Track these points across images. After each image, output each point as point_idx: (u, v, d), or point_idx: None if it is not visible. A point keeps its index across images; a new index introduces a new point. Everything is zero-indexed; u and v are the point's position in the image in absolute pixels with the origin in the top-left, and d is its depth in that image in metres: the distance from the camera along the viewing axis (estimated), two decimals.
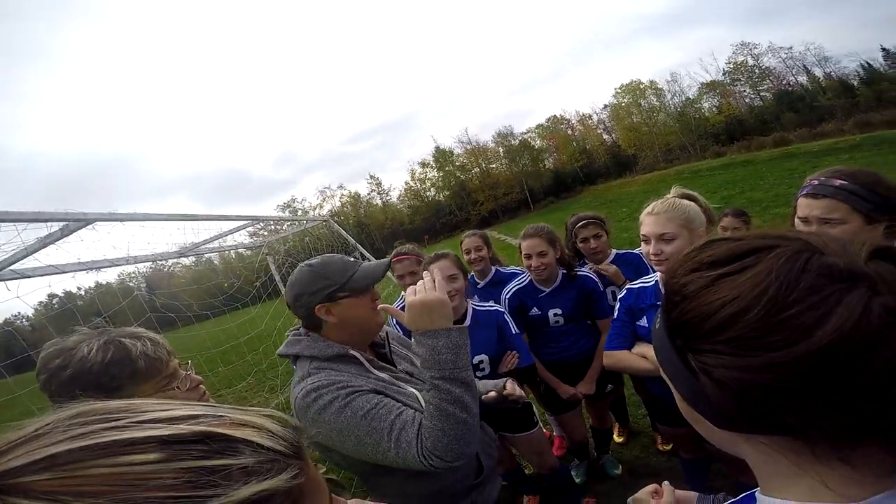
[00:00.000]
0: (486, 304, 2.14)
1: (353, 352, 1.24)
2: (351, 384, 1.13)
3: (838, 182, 1.26)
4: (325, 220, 7.80)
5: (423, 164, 56.67)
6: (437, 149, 55.39)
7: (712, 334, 0.44)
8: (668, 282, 0.52)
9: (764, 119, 37.50)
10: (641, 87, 45.03)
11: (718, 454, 1.79)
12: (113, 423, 0.35)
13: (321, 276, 1.22)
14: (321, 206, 57.53)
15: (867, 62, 37.28)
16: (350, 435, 1.06)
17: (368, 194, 60.19)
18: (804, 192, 1.33)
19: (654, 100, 44.79)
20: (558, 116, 53.03)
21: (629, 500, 0.90)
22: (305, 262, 1.28)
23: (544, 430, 2.53)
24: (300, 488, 0.40)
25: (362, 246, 7.26)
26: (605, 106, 50.39)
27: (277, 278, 7.18)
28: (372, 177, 61.46)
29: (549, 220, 2.40)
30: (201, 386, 1.14)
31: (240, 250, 6.93)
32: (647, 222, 1.58)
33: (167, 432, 0.35)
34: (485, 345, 2.00)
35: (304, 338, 1.26)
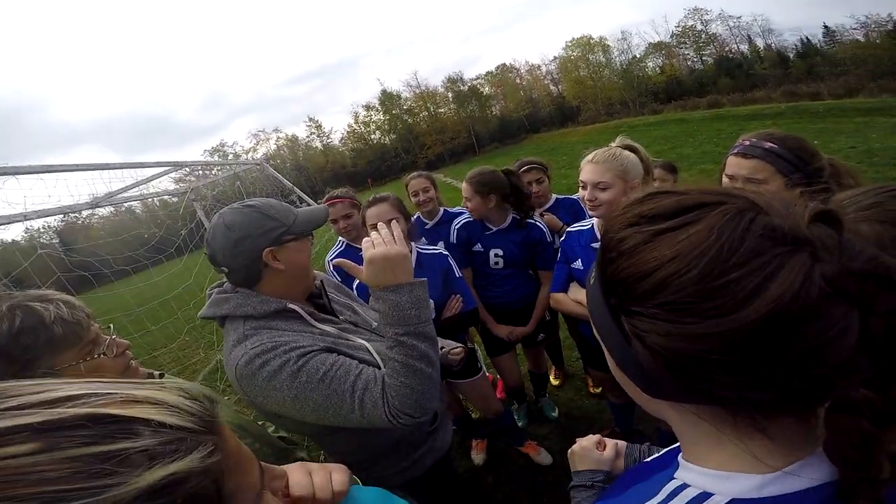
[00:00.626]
0: (431, 248, 2.07)
1: (292, 305, 1.11)
2: (299, 344, 1.02)
3: (768, 144, 1.29)
4: (258, 164, 7.24)
5: (369, 108, 54.97)
6: (384, 92, 53.66)
7: (647, 296, 0.41)
8: (605, 236, 0.47)
9: (702, 82, 39.35)
10: (592, 42, 45.39)
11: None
12: None
13: (267, 217, 1.07)
14: (255, 150, 55.16)
15: (807, 37, 39.64)
16: (307, 400, 0.97)
17: (307, 137, 57.88)
18: (735, 151, 1.35)
19: (602, 56, 45.34)
20: (508, 65, 53.03)
21: (569, 451, 0.89)
22: (241, 202, 1.11)
23: (488, 375, 2.60)
24: (219, 466, 0.36)
25: (301, 190, 6.81)
26: (555, 58, 50.81)
27: (207, 225, 6.59)
28: (311, 119, 58.66)
29: (492, 164, 2.34)
30: (128, 352, 1.03)
31: (165, 197, 6.26)
32: (587, 169, 1.62)
33: (41, 419, 0.30)
34: (430, 289, 1.94)
35: (233, 295, 1.10)
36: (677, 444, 0.56)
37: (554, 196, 2.60)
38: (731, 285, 0.37)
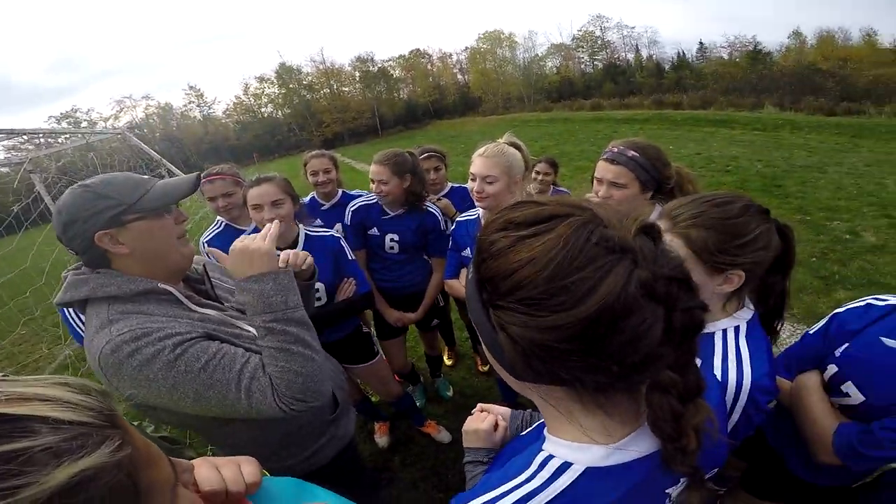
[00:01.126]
0: (320, 230, 1.98)
1: (164, 286, 1.00)
2: (176, 331, 0.92)
3: (631, 153, 1.48)
4: (118, 133, 6.18)
5: (262, 80, 50.24)
6: (283, 65, 49.50)
7: (509, 293, 0.48)
8: (480, 238, 0.53)
9: (590, 85, 42.95)
10: (502, 37, 46.95)
11: None
12: None
13: (100, 196, 0.94)
14: (117, 118, 47.86)
15: (683, 51, 45.03)
16: (187, 390, 0.89)
17: (185, 106, 51.18)
18: (604, 157, 1.53)
19: (509, 52, 47.23)
20: (421, 51, 52.43)
21: (463, 429, 0.93)
22: (78, 183, 0.97)
23: (384, 359, 2.60)
24: (130, 460, 0.36)
25: (172, 163, 5.98)
26: (466, 48, 51.63)
27: (48, 199, 5.52)
28: (192, 87, 52.17)
29: (395, 147, 2.33)
30: None
31: None
32: (477, 163, 1.71)
33: None
34: (320, 272, 1.87)
35: (92, 275, 0.97)
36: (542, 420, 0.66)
37: (449, 184, 2.70)
38: (571, 286, 0.44)
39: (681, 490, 0.58)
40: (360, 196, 2.40)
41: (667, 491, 0.57)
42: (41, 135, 4.98)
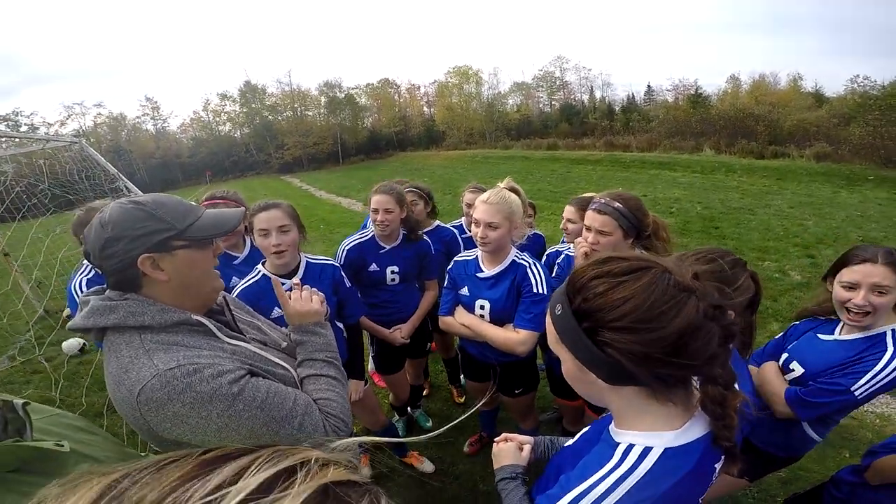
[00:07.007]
0: (322, 259, 2.03)
1: (197, 317, 0.98)
2: (226, 368, 0.91)
3: (616, 204, 1.74)
4: (74, 141, 5.86)
5: (224, 97, 49.02)
6: (248, 83, 48.54)
7: (615, 320, 0.68)
8: (575, 282, 0.74)
9: (546, 124, 44.82)
10: (469, 73, 48.25)
11: (511, 407, 2.27)
12: None
13: (152, 216, 0.91)
14: (63, 124, 44.67)
15: (632, 94, 48.04)
16: (240, 429, 0.88)
17: (138, 118, 49.00)
18: (593, 207, 1.78)
19: (474, 88, 48.65)
20: (390, 80, 52.97)
21: (493, 451, 1.13)
22: (127, 198, 0.95)
23: (372, 389, 2.61)
24: None
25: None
26: (434, 81, 52.64)
27: None
28: (148, 99, 50.49)
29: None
30: None
31: None
32: (480, 209, 1.80)
33: None
34: None
35: (122, 301, 0.92)
36: (584, 429, 0.96)
37: (436, 222, 2.81)
38: (662, 314, 0.67)
39: (721, 465, 0.78)
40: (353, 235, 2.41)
41: (715, 465, 0.76)
42: None
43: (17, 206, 4.86)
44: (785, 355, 1.67)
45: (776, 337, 1.79)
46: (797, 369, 1.59)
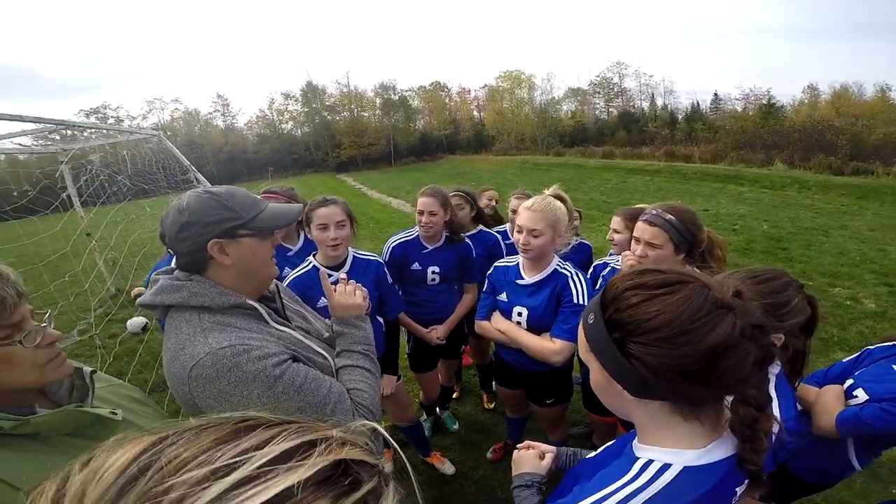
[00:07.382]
0: (368, 254, 2.14)
1: (251, 302, 1.06)
2: (271, 351, 0.98)
3: (668, 216, 1.64)
4: (154, 134, 6.46)
5: (288, 96, 51.82)
6: (310, 84, 50.97)
7: (647, 333, 0.67)
8: (609, 293, 0.73)
9: (602, 132, 43.42)
10: (521, 78, 47.92)
11: (538, 417, 2.23)
12: None
13: (224, 206, 1.01)
14: (145, 118, 49.11)
15: (697, 102, 45.62)
16: (275, 410, 0.96)
17: (210, 114, 52.87)
18: (644, 218, 1.69)
19: (527, 93, 48.24)
20: (441, 83, 53.82)
21: (513, 457, 1.13)
22: (204, 189, 1.07)
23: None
24: None
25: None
26: (485, 85, 52.87)
27: (72, 191, 5.72)
28: (220, 96, 54.05)
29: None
30: (57, 343, 0.85)
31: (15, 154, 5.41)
32: (524, 216, 1.78)
33: None
34: None
35: (187, 282, 1.02)
36: (609, 443, 0.92)
37: (479, 227, 2.83)
38: (696, 330, 0.64)
39: (743, 489, 0.74)
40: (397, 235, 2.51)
41: (736, 489, 0.73)
42: (65, 127, 5.25)
43: (99, 193, 5.45)
44: (850, 381, 1.50)
45: (846, 359, 1.61)
46: (860, 396, 1.43)
